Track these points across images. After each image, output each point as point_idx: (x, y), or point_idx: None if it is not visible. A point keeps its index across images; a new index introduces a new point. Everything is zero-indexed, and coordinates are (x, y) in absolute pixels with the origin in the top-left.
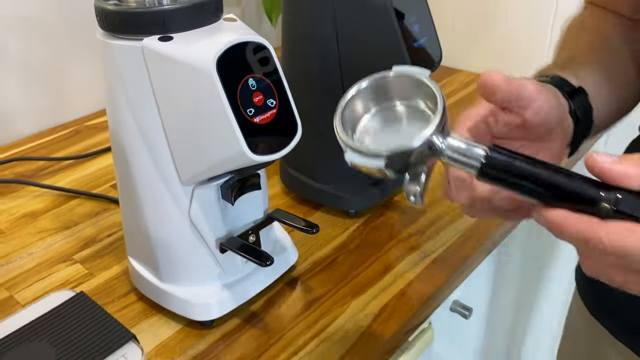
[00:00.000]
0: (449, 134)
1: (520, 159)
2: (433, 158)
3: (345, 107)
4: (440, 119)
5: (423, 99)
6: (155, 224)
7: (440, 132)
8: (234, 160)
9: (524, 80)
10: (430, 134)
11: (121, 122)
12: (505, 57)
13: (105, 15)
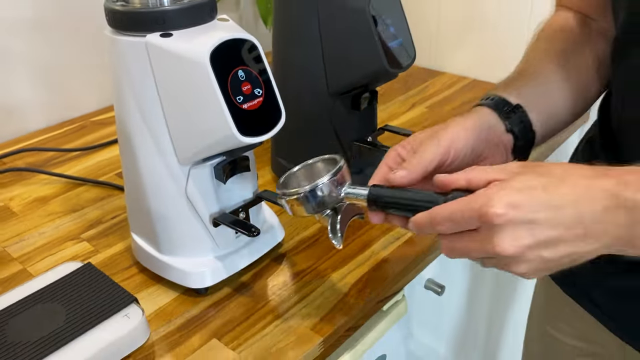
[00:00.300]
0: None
1: (387, 191)
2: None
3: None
4: (330, 176)
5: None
6: (155, 201)
7: (334, 183)
8: (225, 142)
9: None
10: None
11: (127, 109)
12: (487, 59)
13: (113, 15)
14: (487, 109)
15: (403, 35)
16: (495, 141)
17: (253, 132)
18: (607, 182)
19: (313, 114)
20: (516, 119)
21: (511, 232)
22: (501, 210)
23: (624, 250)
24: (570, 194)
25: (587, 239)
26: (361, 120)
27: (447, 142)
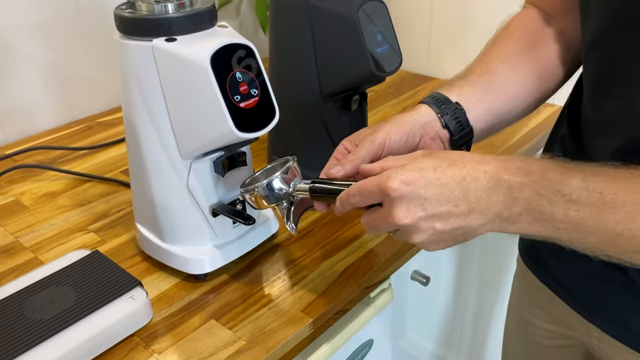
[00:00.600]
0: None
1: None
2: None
3: (249, 182)
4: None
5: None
6: (159, 193)
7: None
8: (224, 137)
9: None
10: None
11: (134, 107)
12: None
13: (122, 21)
14: (426, 106)
15: (390, 41)
16: (432, 135)
17: (249, 128)
18: (490, 166)
19: (307, 114)
20: (452, 116)
21: (405, 205)
22: (396, 185)
23: (507, 227)
24: (457, 175)
25: (472, 214)
26: (352, 120)
27: (380, 139)
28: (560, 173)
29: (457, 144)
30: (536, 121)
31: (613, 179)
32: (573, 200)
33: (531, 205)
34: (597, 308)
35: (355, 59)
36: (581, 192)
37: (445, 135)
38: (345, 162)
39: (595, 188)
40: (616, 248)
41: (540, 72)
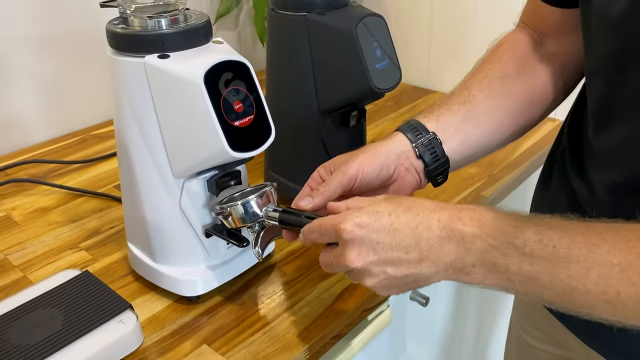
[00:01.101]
0: (268, 206)
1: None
2: (260, 217)
3: (226, 201)
4: (255, 197)
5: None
6: (151, 212)
7: (258, 203)
8: (217, 157)
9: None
10: (246, 201)
11: (126, 125)
12: None
13: (114, 37)
14: (401, 134)
15: (390, 56)
16: (407, 165)
17: (244, 147)
18: (444, 215)
19: (304, 129)
20: (427, 146)
21: (357, 248)
22: (350, 228)
23: (461, 277)
24: (410, 221)
25: (423, 262)
26: (350, 137)
27: (353, 170)
28: (515, 226)
29: (432, 174)
30: (537, 136)
31: (567, 232)
32: (526, 253)
33: (485, 257)
34: (596, 332)
35: (354, 74)
36: (534, 245)
37: (420, 166)
38: (316, 194)
39: (548, 242)
40: (572, 303)
41: (528, 98)
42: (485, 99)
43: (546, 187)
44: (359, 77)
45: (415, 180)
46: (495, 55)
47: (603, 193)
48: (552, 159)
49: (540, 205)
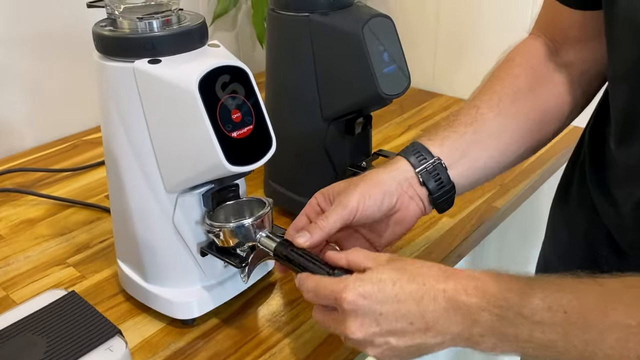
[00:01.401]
0: (263, 230)
1: (289, 251)
2: (253, 241)
3: (215, 213)
4: (251, 221)
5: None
6: (142, 229)
7: (253, 227)
8: (213, 170)
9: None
10: (240, 224)
11: (114, 134)
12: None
13: (101, 40)
14: (404, 160)
15: (397, 60)
16: (410, 194)
17: (242, 161)
18: (449, 286)
19: (306, 137)
20: (431, 172)
21: (360, 319)
22: (352, 298)
23: (471, 345)
24: (415, 292)
25: (429, 332)
26: (355, 145)
27: (354, 203)
28: (520, 293)
29: (437, 202)
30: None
31: (578, 294)
32: (536, 321)
33: (493, 327)
34: None
35: (360, 80)
36: (543, 313)
37: (424, 193)
38: (314, 229)
39: (558, 307)
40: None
41: (540, 116)
42: (494, 118)
43: (564, 202)
44: (366, 82)
45: (419, 209)
46: (506, 69)
47: (627, 209)
48: (571, 171)
49: (558, 224)
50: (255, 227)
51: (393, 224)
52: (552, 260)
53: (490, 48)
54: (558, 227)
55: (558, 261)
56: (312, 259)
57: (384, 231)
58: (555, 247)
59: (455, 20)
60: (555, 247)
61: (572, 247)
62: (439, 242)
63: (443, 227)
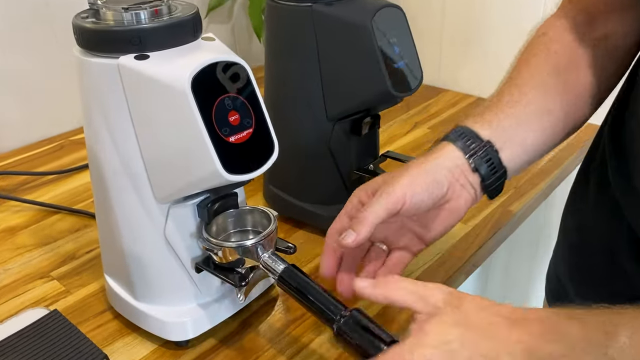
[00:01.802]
0: (267, 251)
1: (297, 279)
2: (255, 259)
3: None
4: (256, 241)
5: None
6: (130, 242)
7: (256, 247)
8: (209, 180)
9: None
10: (243, 245)
11: (97, 138)
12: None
13: (82, 33)
14: (451, 145)
15: (409, 55)
16: (462, 182)
17: (241, 168)
18: (524, 334)
19: (309, 139)
20: (483, 157)
21: None
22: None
23: None
24: (489, 351)
25: None
26: (362, 147)
27: (399, 192)
28: (604, 333)
29: (488, 189)
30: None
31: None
32: None
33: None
34: None
35: (369, 76)
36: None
37: (477, 181)
38: (357, 224)
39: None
40: None
41: (580, 92)
42: (537, 97)
43: (579, 206)
44: (374, 79)
45: (471, 197)
46: (542, 44)
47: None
48: (585, 173)
49: (570, 229)
50: (259, 246)
51: (444, 215)
52: (562, 271)
53: (497, 42)
54: (571, 233)
55: (570, 270)
56: (324, 292)
57: (434, 223)
58: (569, 254)
59: (461, 13)
60: (567, 254)
61: (587, 253)
62: (452, 251)
63: (456, 234)
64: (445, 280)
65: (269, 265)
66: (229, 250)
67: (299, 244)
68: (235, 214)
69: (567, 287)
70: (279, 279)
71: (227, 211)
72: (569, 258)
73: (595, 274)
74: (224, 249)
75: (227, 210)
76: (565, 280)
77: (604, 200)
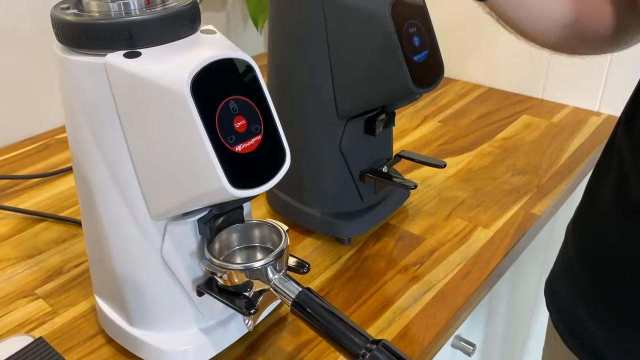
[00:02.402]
0: (279, 272)
1: (315, 304)
2: (265, 282)
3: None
4: (271, 262)
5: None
6: (122, 262)
7: (265, 269)
8: (213, 196)
9: None
10: (249, 267)
11: (82, 146)
12: (504, 65)
13: (63, 27)
14: None
15: (430, 46)
16: None
17: (250, 182)
18: None
19: (318, 139)
20: None
21: None
22: None
23: None
24: None
25: None
26: (375, 148)
27: None
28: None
29: None
30: (584, 134)
31: None
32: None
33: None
34: None
35: (386, 70)
36: None
37: None
38: None
39: None
40: None
41: None
42: None
43: (591, 209)
44: (393, 73)
45: None
46: None
47: None
48: (605, 164)
49: (580, 235)
50: (269, 267)
51: None
52: None
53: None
54: (581, 240)
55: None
56: (346, 321)
57: None
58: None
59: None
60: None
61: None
62: (475, 260)
63: (477, 241)
64: (470, 295)
65: (281, 289)
66: (235, 273)
67: (307, 253)
68: (241, 228)
69: None
70: (293, 305)
71: (231, 226)
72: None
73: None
74: (230, 271)
75: (232, 225)
76: None
77: (621, 203)
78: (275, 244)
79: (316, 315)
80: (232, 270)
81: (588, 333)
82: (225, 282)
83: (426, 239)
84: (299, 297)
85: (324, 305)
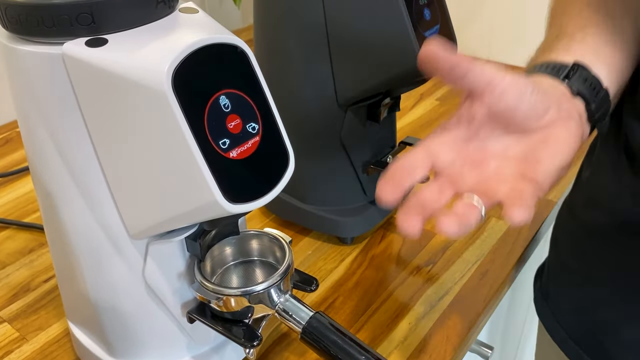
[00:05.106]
0: (284, 294)
1: (328, 331)
2: (269, 307)
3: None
4: (275, 284)
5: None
6: (97, 287)
7: (276, 288)
8: (203, 212)
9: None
10: (254, 290)
11: (41, 153)
12: (502, 35)
13: (7, 10)
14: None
15: (442, 20)
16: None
17: (247, 193)
18: None
19: (316, 128)
20: (578, 78)
21: None
22: None
23: None
24: None
25: None
26: (378, 135)
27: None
28: None
29: (594, 116)
30: None
31: None
32: None
33: None
34: None
35: (393, 48)
36: None
37: (581, 107)
38: None
39: None
40: None
41: None
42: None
43: None
44: (400, 51)
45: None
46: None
47: None
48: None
49: None
50: (273, 289)
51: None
52: None
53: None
54: None
55: None
56: (365, 352)
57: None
58: None
59: None
60: None
61: None
62: (492, 257)
63: (493, 235)
64: (490, 299)
65: (288, 316)
66: (234, 299)
67: (305, 257)
68: (236, 240)
69: None
70: (303, 334)
71: (225, 239)
72: None
73: None
74: (227, 297)
75: (226, 239)
76: None
77: None
78: (277, 257)
79: (332, 345)
80: (230, 296)
81: None
82: (221, 307)
83: (436, 234)
84: (310, 324)
85: (340, 331)
